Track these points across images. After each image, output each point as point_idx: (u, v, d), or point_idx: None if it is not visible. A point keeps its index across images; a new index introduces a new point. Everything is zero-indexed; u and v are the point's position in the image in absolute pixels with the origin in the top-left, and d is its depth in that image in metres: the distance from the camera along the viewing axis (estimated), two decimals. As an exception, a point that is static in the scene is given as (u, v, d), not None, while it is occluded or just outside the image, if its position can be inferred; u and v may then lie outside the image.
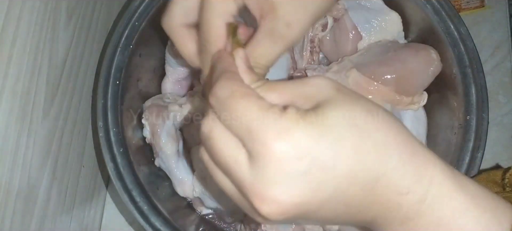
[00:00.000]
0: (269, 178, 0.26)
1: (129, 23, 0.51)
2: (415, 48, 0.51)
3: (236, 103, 0.27)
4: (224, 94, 0.27)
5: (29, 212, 0.43)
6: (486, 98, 0.48)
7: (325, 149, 0.26)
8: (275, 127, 0.26)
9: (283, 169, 0.25)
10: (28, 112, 0.42)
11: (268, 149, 0.25)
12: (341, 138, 0.26)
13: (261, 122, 0.26)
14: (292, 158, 0.25)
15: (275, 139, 0.25)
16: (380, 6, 0.53)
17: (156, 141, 0.51)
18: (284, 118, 0.26)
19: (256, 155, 0.26)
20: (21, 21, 0.39)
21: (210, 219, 0.55)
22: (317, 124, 0.26)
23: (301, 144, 0.25)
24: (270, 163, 0.25)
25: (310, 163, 0.25)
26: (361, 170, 0.26)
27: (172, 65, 0.56)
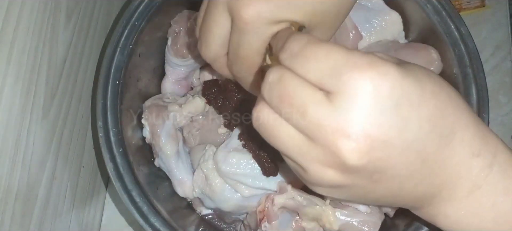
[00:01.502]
0: (358, 109, 0.24)
1: (129, 23, 0.51)
2: (416, 48, 0.51)
3: (317, 46, 0.26)
4: (299, 44, 0.26)
5: (29, 212, 0.43)
6: (486, 98, 0.48)
7: (412, 85, 0.25)
8: (364, 59, 0.25)
9: (373, 99, 0.24)
10: (28, 112, 0.42)
11: (358, 79, 0.24)
12: (423, 80, 0.26)
13: (348, 56, 0.25)
14: (383, 89, 0.25)
15: (366, 68, 0.25)
16: (380, 5, 0.53)
17: (156, 141, 0.51)
18: (369, 55, 0.25)
19: (343, 88, 0.25)
20: (21, 21, 0.39)
21: (210, 219, 0.55)
22: (400, 65, 0.26)
23: (392, 76, 0.25)
24: (360, 94, 0.24)
25: (400, 96, 0.25)
26: (441, 117, 0.26)
27: (172, 65, 0.56)
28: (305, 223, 0.49)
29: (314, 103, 0.25)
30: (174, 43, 0.54)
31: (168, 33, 0.55)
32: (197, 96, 0.53)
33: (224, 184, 0.49)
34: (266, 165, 0.47)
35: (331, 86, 0.25)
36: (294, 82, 0.26)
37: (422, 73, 0.27)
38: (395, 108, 0.25)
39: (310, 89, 0.26)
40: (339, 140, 0.25)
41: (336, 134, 0.25)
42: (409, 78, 0.25)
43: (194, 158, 0.52)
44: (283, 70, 0.27)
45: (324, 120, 0.25)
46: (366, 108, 0.24)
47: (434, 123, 0.26)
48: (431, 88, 0.26)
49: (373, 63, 0.25)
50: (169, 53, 0.55)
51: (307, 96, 0.26)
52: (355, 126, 0.25)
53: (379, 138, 0.25)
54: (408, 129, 0.25)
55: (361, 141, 0.25)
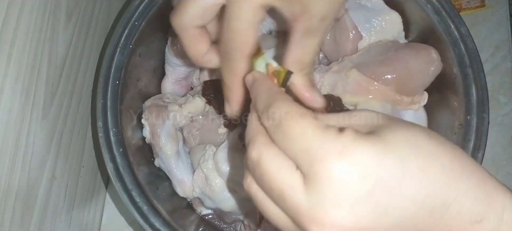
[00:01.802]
0: (329, 201, 0.24)
1: (129, 23, 0.51)
2: (416, 48, 0.51)
3: (294, 122, 0.25)
4: (279, 114, 0.26)
5: (29, 212, 0.43)
6: (486, 98, 0.48)
7: (390, 168, 0.24)
8: (335, 146, 0.24)
9: (345, 190, 0.24)
10: (28, 112, 0.42)
11: (328, 169, 0.24)
12: (406, 158, 0.24)
13: (320, 141, 0.24)
14: (355, 178, 0.24)
15: (336, 158, 0.24)
16: (380, 6, 0.53)
17: (156, 141, 0.51)
18: (344, 137, 0.24)
19: (314, 176, 0.24)
20: (21, 21, 0.39)
21: (209, 219, 0.55)
22: (379, 143, 0.24)
23: (364, 163, 0.24)
24: (331, 185, 0.24)
25: (374, 183, 0.24)
26: (429, 194, 0.24)
27: (172, 65, 0.56)
28: (305, 223, 0.49)
29: (290, 190, 0.25)
30: (174, 43, 0.54)
31: (168, 33, 0.55)
32: (197, 96, 0.53)
33: (224, 184, 0.49)
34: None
35: (305, 170, 0.25)
36: (272, 164, 0.26)
37: (407, 147, 0.25)
38: (369, 197, 0.24)
39: (287, 172, 0.25)
40: (315, 229, 0.24)
41: (312, 224, 0.24)
42: (387, 160, 0.24)
43: (194, 158, 0.52)
44: (262, 145, 0.26)
45: (300, 207, 0.25)
46: (338, 199, 0.24)
47: (421, 202, 0.24)
48: (417, 165, 0.24)
49: (344, 151, 0.24)
50: (169, 53, 0.55)
51: (284, 181, 0.25)
52: (328, 217, 0.24)
53: (355, 227, 0.24)
54: (388, 214, 0.24)
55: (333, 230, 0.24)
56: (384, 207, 0.24)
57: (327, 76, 0.51)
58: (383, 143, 0.24)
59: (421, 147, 0.25)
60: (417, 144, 0.25)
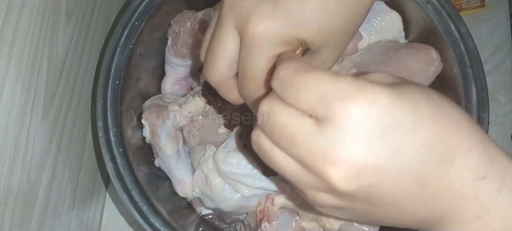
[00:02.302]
0: (345, 138, 0.24)
1: (129, 23, 0.51)
2: (416, 48, 0.51)
3: (305, 76, 0.26)
4: (288, 72, 0.27)
5: (29, 212, 0.43)
6: (486, 98, 0.48)
7: (404, 111, 0.25)
8: (352, 87, 0.25)
9: (361, 127, 0.24)
10: (28, 112, 0.42)
11: (345, 108, 0.24)
12: (419, 104, 0.25)
13: (336, 85, 0.25)
14: (372, 116, 0.24)
15: (354, 97, 0.24)
16: (380, 5, 0.53)
17: (156, 141, 0.51)
18: (360, 80, 0.25)
19: (331, 117, 0.25)
20: (21, 21, 0.39)
21: (210, 219, 0.55)
22: (394, 89, 0.25)
23: (381, 102, 0.24)
24: (348, 122, 0.24)
25: (390, 122, 0.25)
26: (439, 142, 0.26)
27: (172, 65, 0.56)
28: (305, 223, 0.49)
29: (303, 133, 0.26)
30: (174, 43, 0.54)
31: (168, 33, 0.55)
32: (197, 96, 0.53)
33: (224, 184, 0.49)
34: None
35: (321, 114, 0.25)
36: (283, 114, 0.27)
37: (420, 96, 0.26)
38: (384, 135, 0.25)
39: (299, 119, 0.26)
40: (328, 168, 0.25)
41: (326, 162, 0.25)
42: (402, 103, 0.25)
43: (194, 158, 0.52)
44: (273, 101, 0.27)
45: (313, 148, 0.25)
46: (354, 136, 0.24)
47: (432, 148, 0.25)
48: (428, 112, 0.26)
49: (362, 91, 0.25)
50: (169, 53, 0.55)
51: (296, 127, 0.26)
52: (343, 153, 0.25)
53: (368, 165, 0.25)
54: (401, 155, 0.25)
55: (349, 168, 0.25)
56: (397, 147, 0.25)
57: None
58: (397, 89, 0.25)
59: (432, 99, 0.26)
60: (429, 95, 0.26)
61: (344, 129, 0.24)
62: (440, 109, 0.26)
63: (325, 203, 0.28)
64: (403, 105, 0.25)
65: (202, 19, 0.53)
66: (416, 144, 0.25)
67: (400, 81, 0.27)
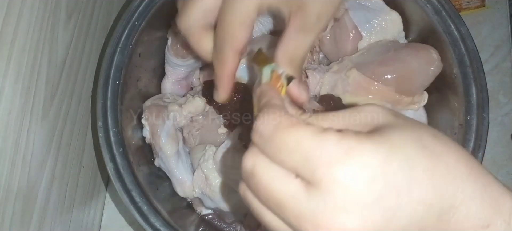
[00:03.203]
0: (336, 206, 0.23)
1: (129, 22, 0.51)
2: (416, 48, 0.51)
3: (286, 134, 0.24)
4: (268, 128, 0.25)
5: (29, 212, 0.43)
6: (486, 98, 0.48)
7: (397, 171, 0.23)
8: (338, 149, 0.23)
9: (353, 195, 0.22)
10: (28, 112, 0.42)
11: (333, 174, 0.23)
12: (412, 159, 0.23)
13: (320, 146, 0.23)
14: (363, 182, 0.22)
15: (341, 161, 0.23)
16: (380, 5, 0.53)
17: (156, 141, 0.51)
18: (346, 139, 0.23)
19: (319, 182, 0.23)
20: (21, 21, 0.39)
21: (210, 219, 0.55)
22: (384, 144, 0.23)
23: (372, 165, 0.23)
24: (338, 190, 0.22)
25: (383, 187, 0.23)
26: (437, 196, 0.24)
27: (172, 65, 0.56)
28: (305, 223, 0.49)
29: (290, 197, 0.24)
30: (174, 43, 0.54)
31: (168, 33, 0.55)
32: (197, 96, 0.53)
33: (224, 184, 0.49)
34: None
35: (307, 177, 0.23)
36: (266, 173, 0.25)
37: (414, 148, 0.24)
38: (378, 201, 0.23)
39: (284, 180, 0.24)
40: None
41: (317, 230, 0.23)
42: (394, 162, 0.23)
43: (194, 158, 0.52)
44: (255, 156, 0.25)
45: (302, 214, 0.24)
46: (345, 205, 0.23)
47: (430, 204, 0.24)
48: (424, 166, 0.24)
49: (350, 153, 0.23)
50: (169, 53, 0.55)
51: (282, 190, 0.24)
52: (335, 222, 0.23)
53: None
54: (397, 218, 0.23)
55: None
56: (393, 210, 0.23)
57: (327, 76, 0.51)
58: (388, 143, 0.23)
59: (427, 148, 0.24)
60: (423, 144, 0.24)
61: (334, 196, 0.23)
62: (436, 158, 0.24)
63: None
64: (395, 165, 0.23)
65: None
66: (413, 204, 0.23)
67: (390, 123, 0.25)
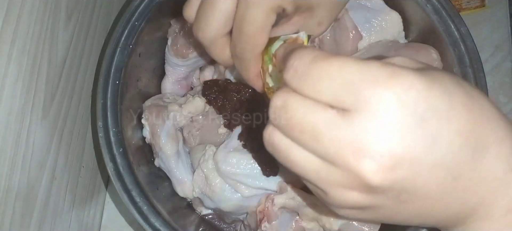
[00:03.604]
0: (379, 127, 0.22)
1: (129, 22, 0.51)
2: (416, 48, 0.51)
3: (325, 63, 0.24)
4: (305, 61, 0.24)
5: (29, 212, 0.43)
6: (486, 98, 0.48)
7: (438, 98, 0.23)
8: (382, 72, 0.23)
9: (397, 115, 0.22)
10: (28, 112, 0.42)
11: (378, 94, 0.22)
12: (452, 92, 0.24)
13: (364, 69, 0.23)
14: (406, 102, 0.22)
15: (386, 82, 0.22)
16: (380, 5, 0.53)
17: (156, 141, 0.51)
18: (389, 65, 0.23)
19: (361, 105, 0.23)
20: (21, 21, 0.39)
21: (210, 219, 0.55)
22: (425, 73, 0.23)
23: (415, 87, 0.22)
24: (381, 110, 0.22)
25: (425, 109, 0.23)
26: (473, 132, 0.24)
27: (172, 65, 0.56)
28: (305, 223, 0.49)
29: (328, 126, 0.24)
30: (174, 43, 0.54)
31: (168, 33, 0.55)
32: (197, 96, 0.53)
33: (224, 184, 0.49)
34: (266, 165, 0.47)
35: (348, 103, 0.23)
36: (300, 107, 0.25)
37: (452, 83, 0.24)
38: (421, 123, 0.23)
39: (320, 110, 0.24)
40: (360, 161, 0.23)
41: (357, 155, 0.23)
42: (436, 89, 0.23)
43: (194, 158, 0.52)
44: (287, 93, 0.25)
45: (341, 141, 0.23)
46: (389, 125, 0.22)
47: (466, 137, 0.24)
48: (461, 100, 0.24)
49: (395, 75, 0.23)
50: (169, 53, 0.55)
51: (318, 119, 0.24)
52: (377, 144, 0.23)
53: (404, 157, 0.23)
54: (437, 145, 0.23)
55: (385, 160, 0.23)
56: (433, 136, 0.23)
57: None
58: (429, 74, 0.24)
59: (464, 87, 0.25)
60: (460, 83, 0.25)
61: (378, 118, 0.22)
62: (472, 97, 0.25)
63: (350, 201, 0.26)
64: (437, 92, 0.23)
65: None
66: (451, 133, 0.23)
67: (426, 67, 0.25)
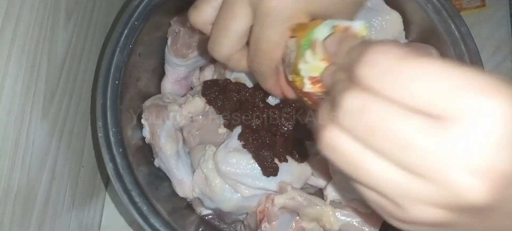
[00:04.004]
0: (485, 140, 0.20)
1: (129, 22, 0.51)
2: (416, 47, 0.50)
3: (419, 64, 0.21)
4: (388, 58, 0.22)
5: (28, 212, 0.43)
6: (487, 98, 0.48)
7: None
8: (489, 81, 0.21)
9: (504, 128, 0.20)
10: (27, 112, 0.42)
11: (484, 105, 0.20)
12: None
13: (468, 77, 0.21)
14: (509, 114, 0.20)
15: (494, 92, 0.20)
16: (380, 5, 0.53)
17: (156, 141, 0.51)
18: (492, 76, 0.21)
19: (463, 115, 0.20)
20: (20, 21, 0.39)
21: (209, 219, 0.55)
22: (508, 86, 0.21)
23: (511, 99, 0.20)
24: (487, 122, 0.20)
25: None
26: None
27: (172, 65, 0.56)
28: (305, 223, 0.49)
29: (420, 134, 0.21)
30: (174, 43, 0.54)
31: (168, 33, 0.55)
32: (197, 96, 0.53)
33: (224, 184, 0.49)
34: (266, 165, 0.47)
35: (444, 111, 0.21)
36: (387, 112, 0.22)
37: None
38: None
39: (411, 116, 0.21)
40: (460, 176, 0.21)
41: (456, 169, 0.21)
42: None
43: (194, 158, 0.52)
44: (367, 95, 0.22)
45: (437, 152, 0.21)
46: (496, 139, 0.20)
47: None
48: None
49: (501, 87, 0.21)
50: (169, 53, 0.55)
51: (409, 127, 0.21)
52: (482, 159, 0.20)
53: (509, 174, 0.21)
54: None
55: (490, 178, 0.21)
56: None
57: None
58: None
59: None
60: None
61: (484, 130, 0.20)
62: None
63: (430, 219, 0.23)
64: None
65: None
66: None
67: None
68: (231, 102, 0.51)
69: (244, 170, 0.48)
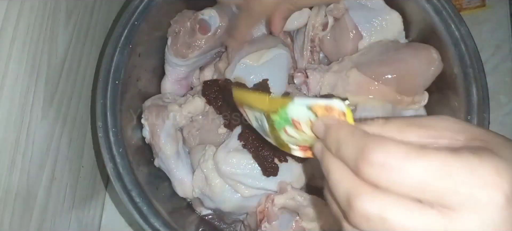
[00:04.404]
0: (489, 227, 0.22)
1: (129, 22, 0.51)
2: (416, 48, 0.50)
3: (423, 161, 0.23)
4: (395, 158, 0.23)
5: (28, 212, 0.43)
6: (487, 98, 0.48)
7: None
8: (489, 170, 0.23)
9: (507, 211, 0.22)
10: (27, 112, 0.42)
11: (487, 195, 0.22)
12: None
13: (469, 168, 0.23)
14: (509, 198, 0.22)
15: (494, 182, 0.22)
16: (380, 5, 0.53)
17: (156, 141, 0.51)
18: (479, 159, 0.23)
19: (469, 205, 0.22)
20: (21, 21, 0.39)
21: (209, 219, 0.55)
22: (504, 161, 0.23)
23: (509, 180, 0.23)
24: (490, 209, 0.22)
25: None
26: None
27: (172, 65, 0.56)
28: (305, 223, 0.49)
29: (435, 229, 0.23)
30: (174, 43, 0.54)
31: (168, 33, 0.55)
32: (197, 96, 0.53)
33: (224, 184, 0.49)
34: (266, 165, 0.47)
35: (453, 203, 0.23)
36: (404, 215, 0.23)
37: None
38: None
39: (425, 214, 0.23)
40: None
41: None
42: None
43: (194, 158, 0.52)
44: (382, 200, 0.24)
45: None
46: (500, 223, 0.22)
47: None
48: None
49: (500, 173, 0.23)
50: (169, 53, 0.55)
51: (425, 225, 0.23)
52: None
53: None
54: None
55: None
56: None
57: (327, 76, 0.51)
58: (505, 160, 0.23)
59: None
60: None
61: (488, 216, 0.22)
62: None
63: None
64: None
65: (202, 19, 0.53)
66: None
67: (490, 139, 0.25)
68: (231, 102, 0.50)
69: (244, 170, 0.48)
